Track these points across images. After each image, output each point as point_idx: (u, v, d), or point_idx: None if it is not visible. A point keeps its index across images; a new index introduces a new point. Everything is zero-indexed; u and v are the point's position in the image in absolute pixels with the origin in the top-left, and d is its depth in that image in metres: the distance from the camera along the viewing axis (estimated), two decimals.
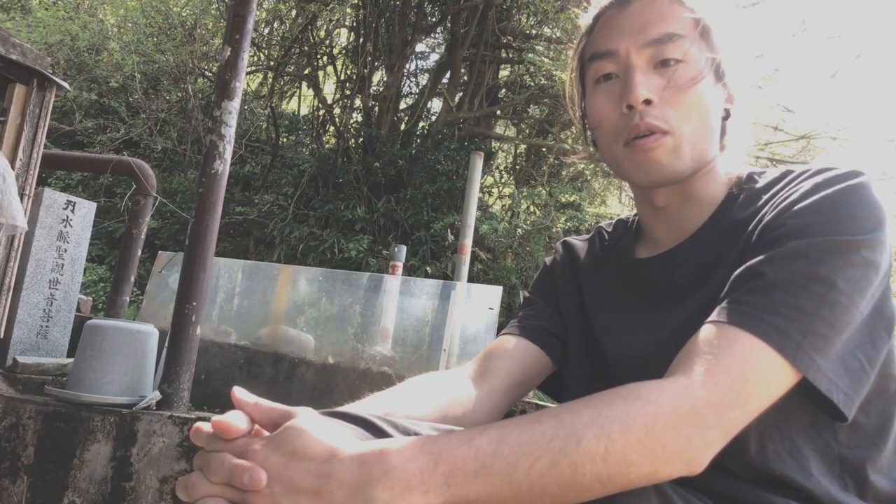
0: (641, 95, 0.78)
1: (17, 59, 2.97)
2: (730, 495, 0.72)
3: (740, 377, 0.63)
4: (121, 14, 9.46)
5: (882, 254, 0.69)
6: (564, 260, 1.04)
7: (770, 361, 0.64)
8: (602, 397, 0.62)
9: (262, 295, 3.78)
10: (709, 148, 0.82)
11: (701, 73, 0.79)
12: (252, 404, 0.62)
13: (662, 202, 0.87)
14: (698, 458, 0.62)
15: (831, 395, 0.65)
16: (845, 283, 0.66)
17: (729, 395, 0.62)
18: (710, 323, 0.68)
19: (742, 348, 0.64)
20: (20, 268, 3.33)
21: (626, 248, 0.95)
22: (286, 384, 3.24)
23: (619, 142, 0.82)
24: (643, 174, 0.81)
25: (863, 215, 0.69)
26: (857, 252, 0.67)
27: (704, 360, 0.64)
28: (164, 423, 2.33)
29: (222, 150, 2.59)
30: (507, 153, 11.08)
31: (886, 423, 0.75)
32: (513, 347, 0.94)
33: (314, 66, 10.33)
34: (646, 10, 0.81)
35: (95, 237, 8.14)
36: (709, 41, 0.81)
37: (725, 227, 0.81)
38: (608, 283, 0.95)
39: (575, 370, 0.95)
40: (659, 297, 0.85)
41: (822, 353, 0.65)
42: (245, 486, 0.56)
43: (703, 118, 0.80)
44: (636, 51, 0.80)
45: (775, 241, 0.70)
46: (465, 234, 4.11)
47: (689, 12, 0.81)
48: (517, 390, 0.92)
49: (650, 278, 0.88)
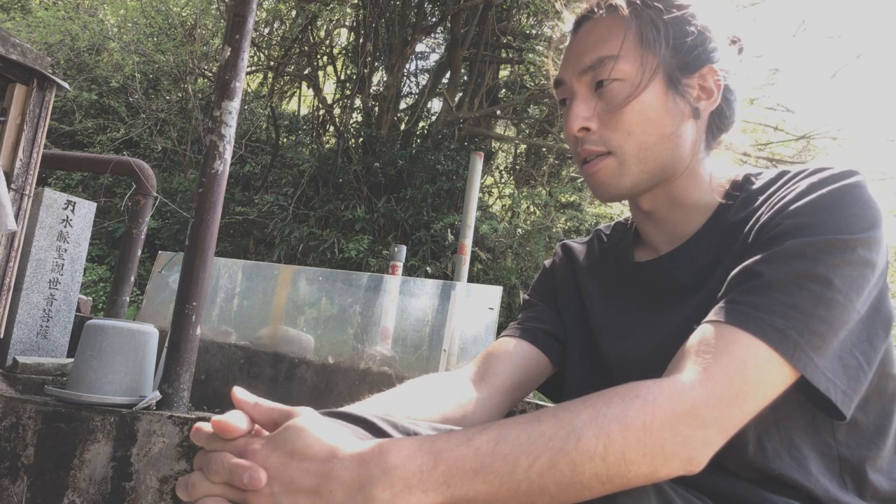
0: (576, 125, 0.82)
1: (17, 59, 2.97)
2: (729, 494, 0.72)
3: (738, 376, 0.63)
4: (121, 14, 9.46)
5: (878, 252, 0.69)
6: (564, 262, 1.05)
7: (768, 360, 0.64)
8: (601, 396, 0.62)
9: (262, 295, 3.78)
10: (666, 156, 0.82)
11: (637, 87, 0.79)
12: (252, 404, 0.62)
13: (647, 206, 0.88)
14: (697, 458, 0.62)
15: (829, 393, 0.65)
16: (842, 282, 0.66)
17: (727, 394, 0.62)
18: (708, 322, 0.68)
19: (740, 347, 0.64)
20: (20, 268, 3.33)
21: (625, 250, 0.96)
22: (286, 384, 3.24)
23: (578, 162, 0.87)
24: (596, 193, 0.86)
25: (859, 214, 0.69)
26: (854, 251, 0.67)
27: (702, 359, 0.64)
28: (164, 423, 2.33)
29: (222, 150, 2.59)
30: (507, 153, 11.08)
31: (885, 421, 0.76)
32: (513, 349, 0.94)
33: (314, 66, 10.33)
34: (585, 37, 0.84)
35: (95, 237, 8.14)
36: (652, 49, 0.80)
37: (723, 230, 0.81)
38: (608, 286, 0.95)
39: (574, 372, 0.95)
40: (658, 299, 0.86)
41: (820, 352, 0.65)
42: (245, 486, 0.56)
43: (650, 130, 0.80)
44: (576, 79, 0.84)
45: (772, 241, 0.70)
46: (465, 234, 4.11)
47: (626, 28, 0.81)
48: (517, 392, 0.93)
49: (649, 281, 0.88)
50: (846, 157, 7.09)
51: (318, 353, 3.41)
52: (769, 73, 7.26)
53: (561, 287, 1.02)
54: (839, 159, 7.06)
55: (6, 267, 3.07)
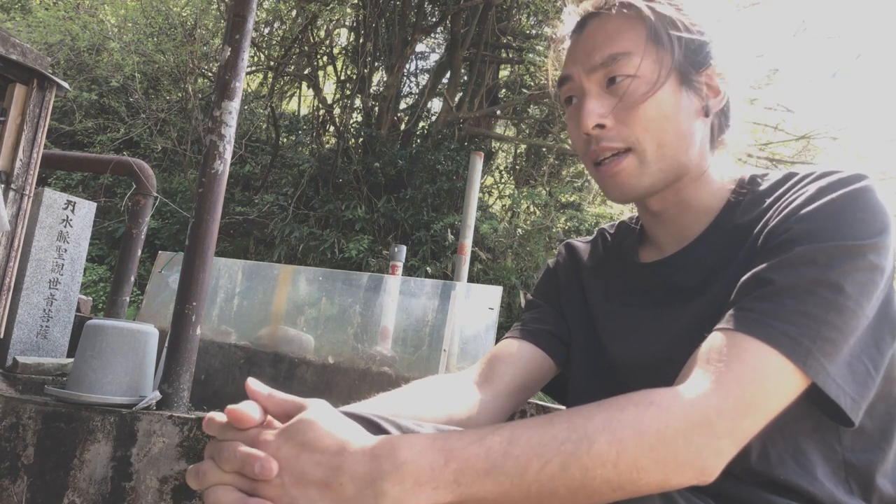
0: (591, 122, 0.80)
1: (17, 59, 2.97)
2: (734, 498, 0.71)
3: (751, 385, 0.62)
4: (121, 14, 9.46)
5: (887, 257, 0.69)
6: (567, 262, 1.04)
7: (780, 368, 0.64)
8: (614, 402, 0.62)
9: (263, 295, 3.78)
10: (681, 154, 0.81)
11: (654, 84, 0.79)
12: (265, 395, 0.62)
13: (657, 207, 0.87)
14: (710, 468, 0.61)
15: (839, 401, 0.65)
16: (853, 288, 0.66)
17: (741, 404, 0.62)
18: (720, 330, 0.68)
19: (752, 356, 0.64)
20: (20, 268, 3.32)
21: (630, 250, 0.95)
22: (286, 384, 3.24)
23: (588, 163, 0.85)
24: (612, 194, 0.84)
25: (868, 219, 0.69)
26: (864, 256, 0.67)
27: (715, 367, 0.64)
28: (164, 423, 2.33)
29: (222, 150, 2.59)
30: (507, 153, 11.08)
31: (890, 426, 0.75)
32: (516, 351, 0.94)
33: (314, 66, 10.32)
34: (595, 34, 0.83)
35: (95, 237, 8.14)
36: (665, 47, 0.80)
37: (729, 231, 0.81)
38: (612, 286, 0.95)
39: (579, 372, 0.95)
40: (664, 300, 0.86)
41: (832, 359, 0.65)
42: (255, 476, 0.56)
43: (668, 127, 0.79)
44: (586, 76, 0.82)
45: (782, 247, 0.70)
46: (465, 234, 4.11)
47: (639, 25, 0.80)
48: (521, 394, 0.93)
49: (655, 282, 0.88)
50: (846, 158, 7.08)
51: (318, 353, 3.41)
52: (769, 73, 7.26)
53: (564, 287, 1.02)
54: (839, 160, 7.05)
55: (6, 267, 3.07)
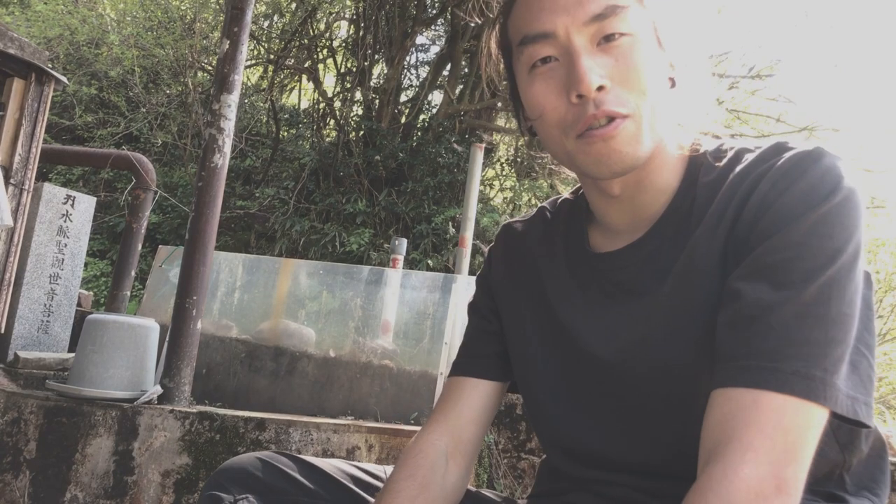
0: (594, 83, 0.69)
1: (15, 53, 2.96)
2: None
3: (782, 441, 0.59)
4: (120, 8, 9.43)
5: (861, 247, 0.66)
6: (509, 251, 0.98)
7: (802, 411, 0.61)
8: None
9: (263, 289, 3.77)
10: (665, 124, 0.75)
11: (648, 43, 0.72)
12: None
13: (619, 190, 0.79)
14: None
15: (858, 415, 0.63)
16: (842, 294, 0.63)
17: (781, 461, 0.59)
18: (727, 388, 0.63)
19: (772, 412, 0.60)
20: (20, 263, 3.32)
21: (579, 235, 0.89)
22: (287, 378, 3.24)
23: (569, 135, 0.73)
24: (602, 166, 0.73)
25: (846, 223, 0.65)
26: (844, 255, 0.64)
27: (744, 436, 0.60)
28: (166, 418, 2.33)
29: (221, 144, 2.58)
30: (509, 145, 11.05)
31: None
32: (475, 397, 0.92)
33: (314, 59, 10.29)
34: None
35: (96, 232, 8.14)
36: (647, 4, 0.73)
37: (687, 216, 0.76)
38: (564, 274, 0.88)
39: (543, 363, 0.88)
40: (621, 293, 0.80)
41: (841, 373, 0.62)
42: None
43: (657, 93, 0.72)
44: (576, 30, 0.70)
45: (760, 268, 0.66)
46: (466, 226, 4.09)
47: None
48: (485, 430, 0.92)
49: (611, 275, 0.82)
50: (848, 149, 7.05)
51: (319, 347, 3.41)
52: (772, 63, 7.22)
53: (502, 282, 0.96)
54: (839, 147, 7.03)
55: (6, 262, 3.07)
